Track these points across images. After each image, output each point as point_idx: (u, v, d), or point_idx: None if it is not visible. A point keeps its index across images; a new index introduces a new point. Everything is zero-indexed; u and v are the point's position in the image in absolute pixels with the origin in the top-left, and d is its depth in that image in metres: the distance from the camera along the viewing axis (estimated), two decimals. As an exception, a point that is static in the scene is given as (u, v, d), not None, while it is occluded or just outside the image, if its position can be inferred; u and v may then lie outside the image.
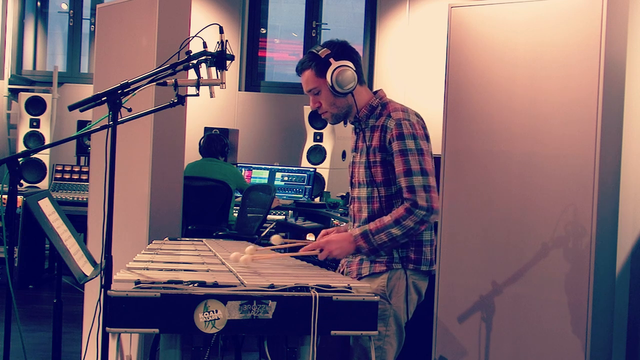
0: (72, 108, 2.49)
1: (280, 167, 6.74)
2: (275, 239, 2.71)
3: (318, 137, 7.27)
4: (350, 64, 2.57)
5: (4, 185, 2.64)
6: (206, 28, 2.56)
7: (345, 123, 2.75)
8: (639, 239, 3.48)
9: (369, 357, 2.53)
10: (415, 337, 3.20)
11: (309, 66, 2.63)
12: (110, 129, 2.35)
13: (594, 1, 3.02)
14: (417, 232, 2.54)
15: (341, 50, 2.61)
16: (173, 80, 2.55)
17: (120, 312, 2.04)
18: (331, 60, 2.56)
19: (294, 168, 6.77)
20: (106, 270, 2.29)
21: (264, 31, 8.63)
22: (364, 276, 2.61)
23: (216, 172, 5.64)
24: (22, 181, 3.02)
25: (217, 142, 5.91)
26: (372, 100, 2.67)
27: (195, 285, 2.11)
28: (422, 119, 2.68)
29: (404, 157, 2.54)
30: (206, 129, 7.11)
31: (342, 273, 2.73)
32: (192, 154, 5.72)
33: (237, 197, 5.82)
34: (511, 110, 3.26)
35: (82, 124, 6.58)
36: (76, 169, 6.86)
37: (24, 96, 7.21)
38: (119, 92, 2.38)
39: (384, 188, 2.60)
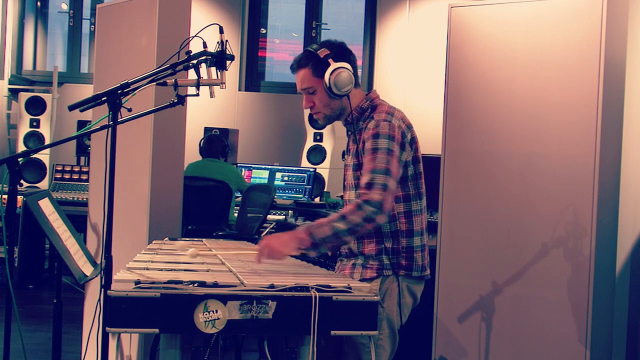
0: (72, 108, 2.49)
1: (280, 167, 6.74)
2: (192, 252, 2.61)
3: (318, 137, 7.28)
4: (348, 66, 2.55)
5: (4, 185, 2.64)
6: (206, 28, 2.56)
7: (343, 123, 2.73)
8: (639, 239, 3.48)
9: (361, 359, 2.53)
10: (415, 337, 3.21)
11: (306, 65, 2.59)
12: (110, 129, 2.35)
13: (594, 1, 3.02)
14: (363, 230, 2.44)
15: (340, 51, 2.59)
16: (173, 80, 2.55)
17: (120, 312, 2.04)
18: (330, 61, 2.54)
19: (294, 168, 6.77)
20: (106, 270, 2.29)
21: (264, 31, 8.63)
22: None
23: (217, 172, 5.64)
24: (22, 181, 3.02)
25: (217, 143, 5.91)
26: (363, 103, 2.64)
27: (195, 285, 2.11)
28: (409, 125, 2.62)
29: (373, 154, 2.47)
30: (206, 129, 7.11)
31: None
32: (192, 154, 5.72)
33: (237, 197, 5.83)
34: (511, 110, 3.26)
35: (82, 124, 6.58)
36: (76, 169, 6.85)
37: (24, 96, 7.21)
38: (119, 92, 2.38)
39: None
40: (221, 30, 2.56)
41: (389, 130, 2.51)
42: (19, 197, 3.30)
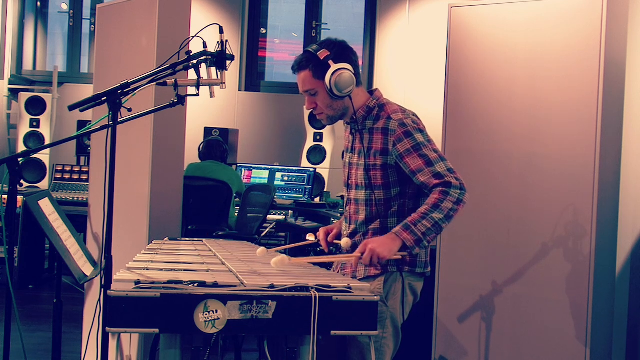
0: (72, 108, 2.49)
1: (280, 167, 6.73)
2: (345, 242, 2.66)
3: (318, 137, 7.27)
4: (349, 66, 2.53)
5: (4, 185, 2.64)
6: (206, 28, 2.56)
7: (347, 122, 2.73)
8: (639, 239, 3.48)
9: (364, 357, 2.53)
10: (415, 337, 3.21)
11: (307, 67, 2.57)
12: (110, 129, 2.35)
13: (594, 1, 3.02)
14: (456, 214, 2.48)
15: (341, 51, 2.57)
16: (173, 80, 2.55)
17: (120, 312, 2.04)
18: (330, 62, 2.52)
19: (294, 168, 6.77)
20: (106, 270, 2.29)
21: (264, 31, 8.63)
22: (358, 279, 2.59)
23: (218, 173, 5.64)
24: (22, 181, 3.02)
25: (217, 147, 5.89)
26: (369, 102, 2.63)
27: (195, 285, 2.11)
28: (419, 119, 2.67)
29: (418, 151, 2.50)
30: (206, 129, 7.10)
31: None
32: (192, 154, 5.71)
33: (235, 198, 5.82)
34: (511, 110, 3.26)
35: (82, 124, 6.58)
36: (76, 169, 6.85)
37: (24, 96, 7.21)
38: (119, 92, 2.38)
39: (383, 191, 2.58)
40: (221, 30, 2.56)
41: (414, 124, 2.55)
42: (19, 197, 3.30)
